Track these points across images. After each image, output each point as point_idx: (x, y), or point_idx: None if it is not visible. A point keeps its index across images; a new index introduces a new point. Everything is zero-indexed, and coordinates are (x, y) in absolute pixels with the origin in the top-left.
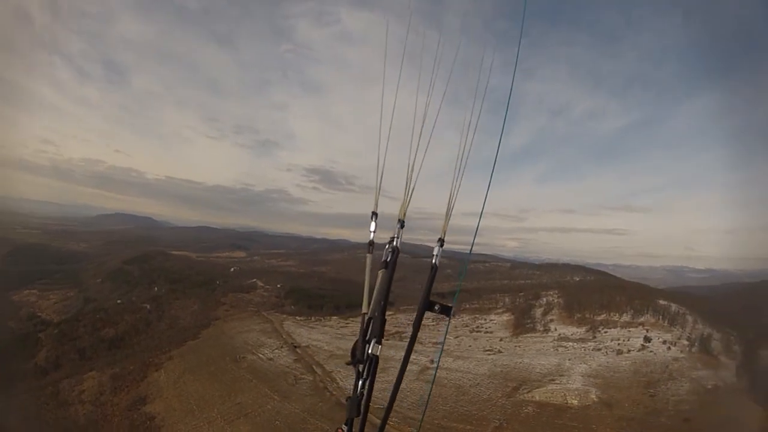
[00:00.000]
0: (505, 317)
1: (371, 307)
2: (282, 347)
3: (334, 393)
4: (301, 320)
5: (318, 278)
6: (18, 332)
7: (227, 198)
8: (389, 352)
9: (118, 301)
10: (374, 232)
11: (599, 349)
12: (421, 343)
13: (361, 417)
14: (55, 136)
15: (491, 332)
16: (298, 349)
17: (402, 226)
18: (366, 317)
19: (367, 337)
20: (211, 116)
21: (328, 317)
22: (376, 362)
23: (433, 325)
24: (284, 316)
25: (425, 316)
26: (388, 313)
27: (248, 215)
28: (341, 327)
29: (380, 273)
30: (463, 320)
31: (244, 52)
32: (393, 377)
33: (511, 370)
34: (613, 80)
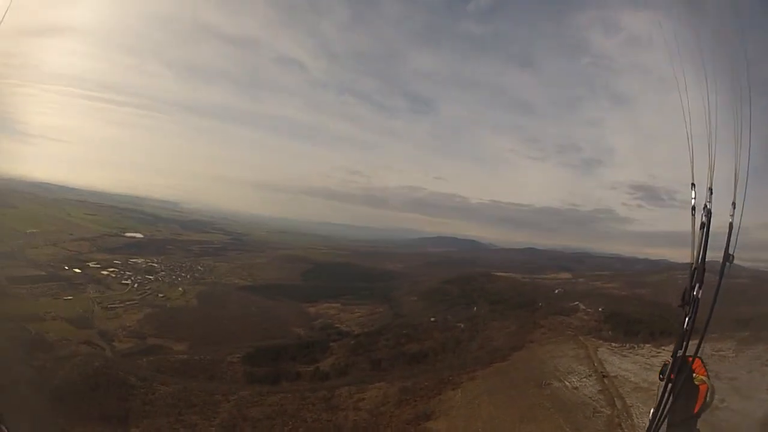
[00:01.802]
0: None
1: (696, 259)
2: (590, 375)
3: (626, 430)
4: (615, 347)
5: (637, 301)
6: (305, 339)
7: (554, 219)
8: None
9: (432, 319)
10: (695, 199)
11: None
12: (718, 379)
13: (684, 349)
14: (364, 167)
15: None
16: (605, 379)
17: (711, 193)
18: (693, 267)
19: (693, 283)
20: (530, 137)
21: (641, 345)
22: (698, 303)
23: (733, 357)
24: (600, 341)
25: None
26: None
27: (575, 236)
28: (652, 356)
29: (699, 233)
30: (758, 351)
31: (546, 71)
32: None
33: None
34: None
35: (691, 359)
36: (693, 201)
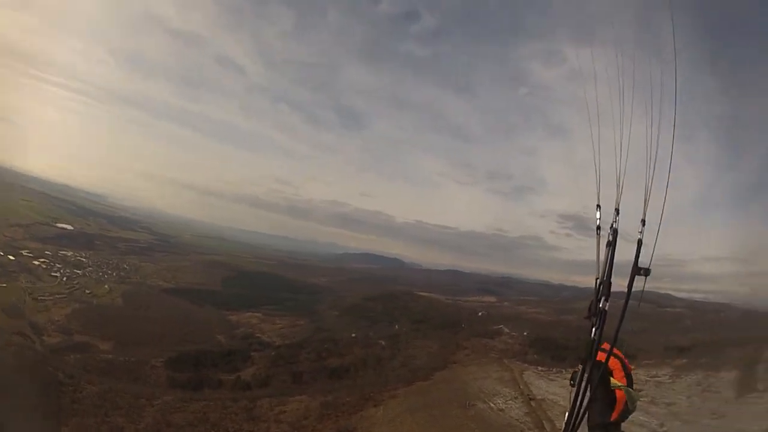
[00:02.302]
0: (733, 374)
1: (601, 273)
2: (517, 398)
3: None
4: (542, 371)
5: (564, 327)
6: (226, 347)
7: (479, 243)
8: None
9: (353, 335)
10: (599, 219)
11: None
12: (655, 404)
13: (592, 357)
14: (293, 177)
15: (719, 392)
16: (532, 402)
17: (617, 213)
18: (598, 281)
19: (599, 296)
20: (461, 162)
21: (569, 369)
22: (605, 315)
23: (669, 383)
24: (526, 365)
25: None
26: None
27: (501, 261)
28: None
29: (606, 249)
30: (697, 378)
31: (483, 98)
32: None
33: None
34: None
35: (604, 359)
36: (598, 221)
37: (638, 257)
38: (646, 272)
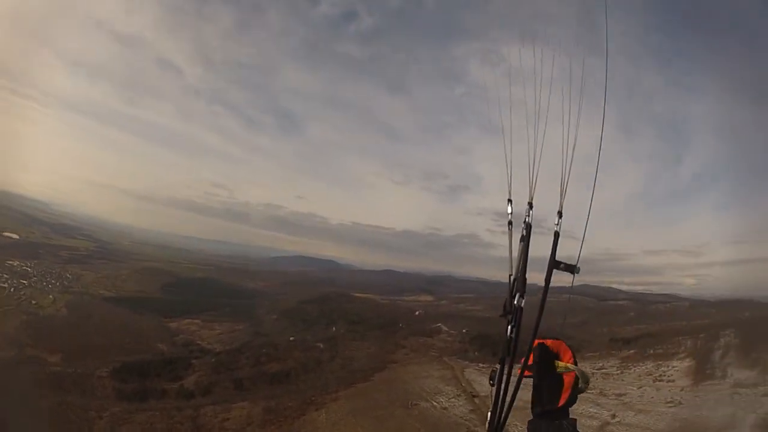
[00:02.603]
0: (686, 363)
1: (515, 269)
2: (459, 396)
3: None
4: (484, 368)
5: (503, 324)
6: (168, 355)
7: (415, 243)
8: None
9: (291, 338)
10: (511, 213)
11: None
12: (604, 396)
13: (510, 356)
14: (227, 180)
15: (673, 381)
16: (476, 399)
17: (531, 208)
18: (512, 278)
19: (514, 293)
20: (396, 162)
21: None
22: (521, 312)
23: (618, 374)
24: (466, 362)
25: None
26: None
27: (437, 259)
28: (525, 376)
29: (520, 245)
30: (647, 368)
31: (418, 98)
32: None
33: (689, 425)
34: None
35: (531, 348)
36: (510, 216)
37: (555, 250)
38: (570, 269)
